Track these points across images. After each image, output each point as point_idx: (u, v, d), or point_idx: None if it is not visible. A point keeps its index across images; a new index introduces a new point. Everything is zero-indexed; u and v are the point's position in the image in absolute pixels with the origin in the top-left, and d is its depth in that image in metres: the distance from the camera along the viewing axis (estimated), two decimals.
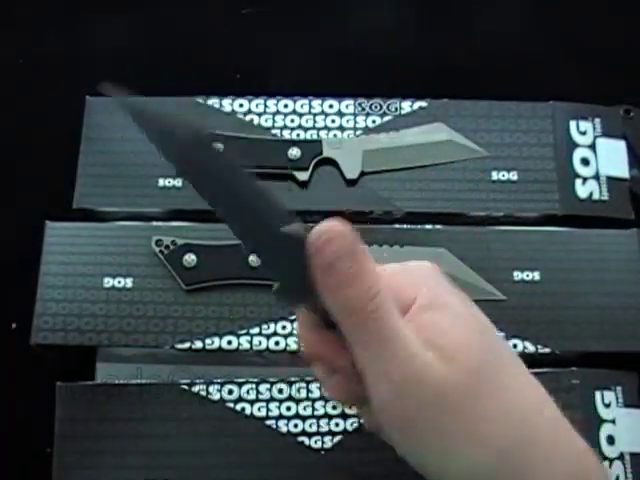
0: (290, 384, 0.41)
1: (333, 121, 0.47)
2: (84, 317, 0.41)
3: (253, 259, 0.42)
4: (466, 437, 0.25)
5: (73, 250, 0.43)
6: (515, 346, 0.41)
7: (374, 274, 0.25)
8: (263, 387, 0.41)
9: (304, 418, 0.40)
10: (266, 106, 0.48)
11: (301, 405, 0.41)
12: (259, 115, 0.47)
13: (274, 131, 0.47)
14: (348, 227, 0.25)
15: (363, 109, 0.48)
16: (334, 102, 0.48)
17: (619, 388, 0.41)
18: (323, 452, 0.40)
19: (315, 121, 0.47)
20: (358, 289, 0.25)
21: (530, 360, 0.30)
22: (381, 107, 0.48)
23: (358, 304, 0.25)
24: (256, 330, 0.42)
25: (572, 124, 0.47)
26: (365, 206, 0.45)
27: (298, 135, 0.47)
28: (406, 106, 0.48)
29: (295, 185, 0.46)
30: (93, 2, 0.55)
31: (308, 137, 0.47)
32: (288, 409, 0.41)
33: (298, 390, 0.41)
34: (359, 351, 0.26)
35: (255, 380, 0.41)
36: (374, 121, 0.47)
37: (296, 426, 0.40)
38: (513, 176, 0.46)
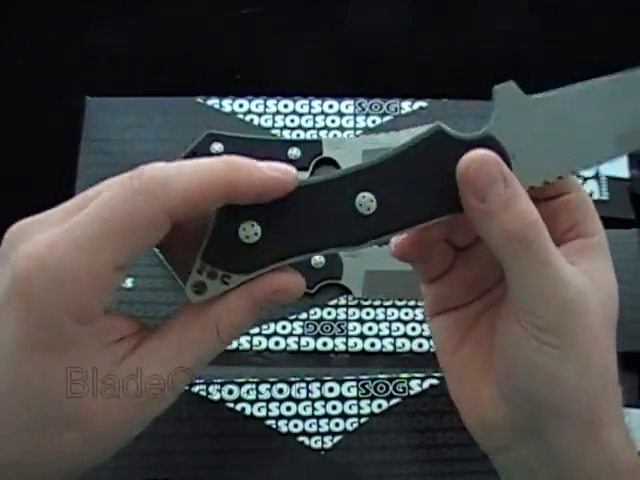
0: (290, 384, 0.41)
1: (333, 121, 0.47)
2: None
3: None
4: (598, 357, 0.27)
5: None
6: None
7: (528, 198, 0.26)
8: (263, 387, 0.41)
9: (304, 418, 0.40)
10: (266, 106, 0.48)
11: (301, 405, 0.41)
12: (259, 115, 0.47)
13: (274, 131, 0.47)
14: (494, 153, 0.26)
15: (363, 109, 0.48)
16: (334, 102, 0.48)
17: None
18: (323, 452, 0.40)
19: (315, 121, 0.47)
20: (516, 213, 0.25)
21: None
22: (381, 107, 0.48)
23: (520, 228, 0.25)
24: (256, 330, 0.42)
25: None
26: None
27: (298, 135, 0.47)
28: (406, 106, 0.48)
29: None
30: (93, 2, 0.54)
31: (308, 137, 0.47)
32: (288, 409, 0.41)
33: (298, 390, 0.41)
34: (518, 275, 0.26)
35: (255, 380, 0.41)
36: (374, 121, 0.47)
37: (296, 426, 0.40)
38: None
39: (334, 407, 0.41)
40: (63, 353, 0.24)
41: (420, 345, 0.42)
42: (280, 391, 0.41)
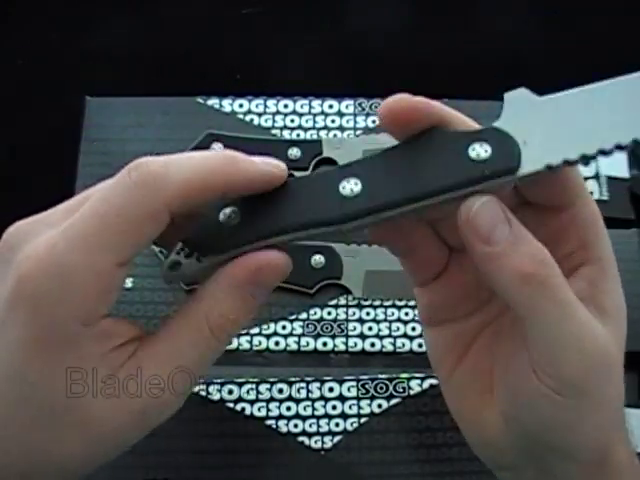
0: (290, 384, 0.41)
1: (333, 121, 0.47)
2: None
3: None
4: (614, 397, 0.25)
5: None
6: None
7: (532, 236, 0.24)
8: (263, 387, 0.41)
9: (304, 418, 0.40)
10: (266, 106, 0.48)
11: (301, 405, 0.41)
12: (259, 115, 0.47)
13: (274, 131, 0.47)
14: (492, 196, 0.24)
15: (363, 109, 0.48)
16: (334, 102, 0.48)
17: None
18: (323, 452, 0.40)
19: (315, 121, 0.47)
20: (525, 253, 0.24)
21: None
22: None
23: (530, 268, 0.23)
24: (256, 330, 0.42)
25: None
26: None
27: (298, 135, 0.47)
28: None
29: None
30: (93, 2, 0.55)
31: (308, 137, 0.47)
32: (288, 409, 0.41)
33: (298, 390, 0.41)
34: (534, 323, 0.24)
35: (255, 380, 0.41)
36: (374, 121, 0.47)
37: (296, 426, 0.40)
38: None
39: (334, 407, 0.41)
40: (66, 354, 0.24)
41: (420, 345, 0.42)
42: (280, 391, 0.41)
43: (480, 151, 0.25)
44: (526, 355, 0.25)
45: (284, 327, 0.42)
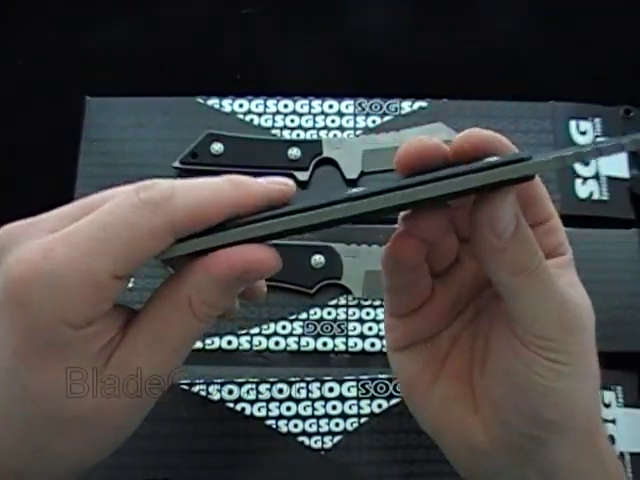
0: (290, 384, 0.41)
1: (333, 121, 0.47)
2: None
3: None
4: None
5: None
6: None
7: (532, 233, 0.26)
8: (263, 387, 0.41)
9: (304, 418, 0.40)
10: (266, 106, 0.48)
11: (301, 405, 0.41)
12: (259, 115, 0.47)
13: (274, 131, 0.47)
14: (513, 192, 0.25)
15: (363, 109, 0.48)
16: (334, 102, 0.48)
17: (619, 388, 0.41)
18: (323, 452, 0.40)
19: (315, 121, 0.47)
20: (529, 248, 0.25)
21: None
22: (381, 107, 0.48)
23: (531, 262, 0.25)
24: (256, 330, 0.42)
25: (572, 124, 0.47)
26: None
27: (298, 135, 0.47)
28: (406, 106, 0.48)
29: (295, 185, 0.46)
30: (93, 2, 0.54)
31: (308, 137, 0.47)
32: (288, 409, 0.41)
33: (298, 390, 0.41)
34: (524, 302, 0.26)
35: (255, 380, 0.41)
36: (374, 121, 0.47)
37: (296, 426, 0.40)
38: None
39: (334, 407, 0.41)
40: (55, 356, 0.24)
41: None
42: (280, 391, 0.41)
43: (491, 158, 0.24)
44: (511, 334, 0.26)
45: (284, 327, 0.42)
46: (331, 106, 0.48)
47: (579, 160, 0.24)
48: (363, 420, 0.40)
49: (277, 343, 0.42)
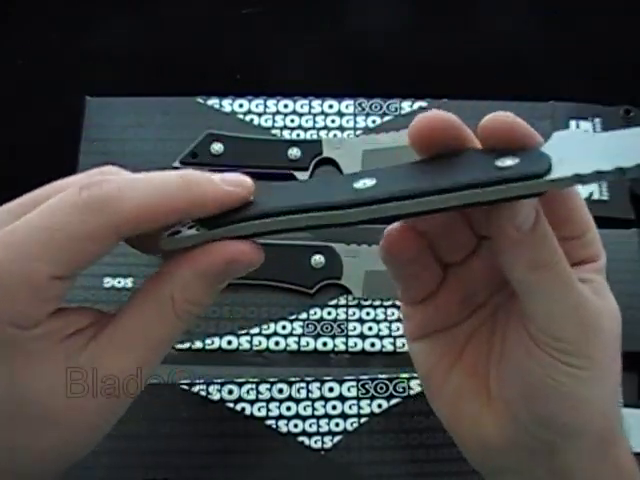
0: (290, 384, 0.41)
1: (333, 121, 0.47)
2: None
3: None
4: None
5: None
6: None
7: (551, 230, 0.25)
8: (263, 387, 0.41)
9: (304, 418, 0.40)
10: (266, 106, 0.48)
11: (301, 405, 0.41)
12: (259, 115, 0.47)
13: (274, 131, 0.47)
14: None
15: (363, 109, 0.48)
16: (334, 102, 0.48)
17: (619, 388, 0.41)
18: (323, 452, 0.40)
19: (315, 121, 0.47)
20: (549, 243, 0.25)
21: None
22: (381, 107, 0.48)
23: (549, 257, 0.25)
24: (256, 330, 0.42)
25: (572, 124, 0.47)
26: None
27: (298, 135, 0.47)
28: (406, 106, 0.48)
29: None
30: (93, 2, 0.54)
31: (308, 137, 0.47)
32: (288, 409, 0.41)
33: (298, 390, 0.41)
34: (541, 300, 0.25)
35: (255, 380, 0.41)
36: (374, 121, 0.47)
37: (296, 426, 0.40)
38: None
39: (334, 407, 0.41)
40: (12, 354, 0.24)
41: None
42: (280, 391, 0.41)
43: (508, 162, 0.23)
44: (525, 333, 0.26)
45: (284, 327, 0.42)
46: (331, 106, 0.48)
47: (599, 180, 0.23)
48: (363, 420, 0.41)
49: (277, 343, 0.42)
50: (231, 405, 0.40)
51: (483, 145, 0.25)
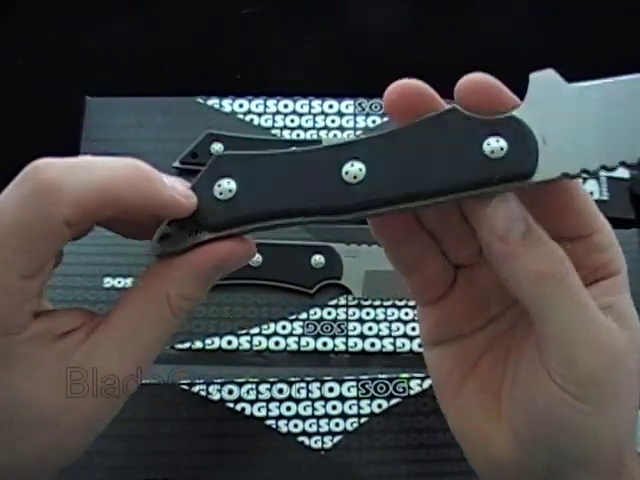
0: (290, 384, 0.41)
1: (333, 121, 0.47)
2: None
3: (254, 259, 0.42)
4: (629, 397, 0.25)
5: (73, 250, 0.43)
6: None
7: (548, 235, 0.24)
8: (263, 387, 0.41)
9: (304, 418, 0.40)
10: (266, 106, 0.48)
11: (301, 405, 0.41)
12: (259, 115, 0.47)
13: (274, 131, 0.47)
14: (511, 194, 0.24)
15: (363, 109, 0.48)
16: (334, 102, 0.48)
17: None
18: (323, 452, 0.40)
19: (315, 121, 0.47)
20: (543, 251, 0.23)
21: None
22: (381, 107, 0.48)
23: (549, 267, 0.23)
24: (256, 330, 0.42)
25: None
26: None
27: (298, 135, 0.47)
28: None
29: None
30: (93, 2, 0.55)
31: (308, 137, 0.47)
32: (288, 409, 0.41)
33: (298, 390, 0.41)
34: (549, 320, 0.24)
35: (255, 380, 0.41)
36: (374, 121, 0.47)
37: (296, 426, 0.40)
38: None
39: (334, 407, 0.41)
40: (2, 362, 0.24)
41: (420, 345, 0.42)
42: (280, 391, 0.41)
43: (496, 147, 0.23)
44: (540, 362, 0.25)
45: (284, 327, 0.42)
46: (331, 106, 0.48)
47: (584, 175, 0.24)
48: (363, 420, 0.40)
49: (277, 343, 0.42)
50: (231, 405, 0.40)
51: (462, 106, 0.25)
